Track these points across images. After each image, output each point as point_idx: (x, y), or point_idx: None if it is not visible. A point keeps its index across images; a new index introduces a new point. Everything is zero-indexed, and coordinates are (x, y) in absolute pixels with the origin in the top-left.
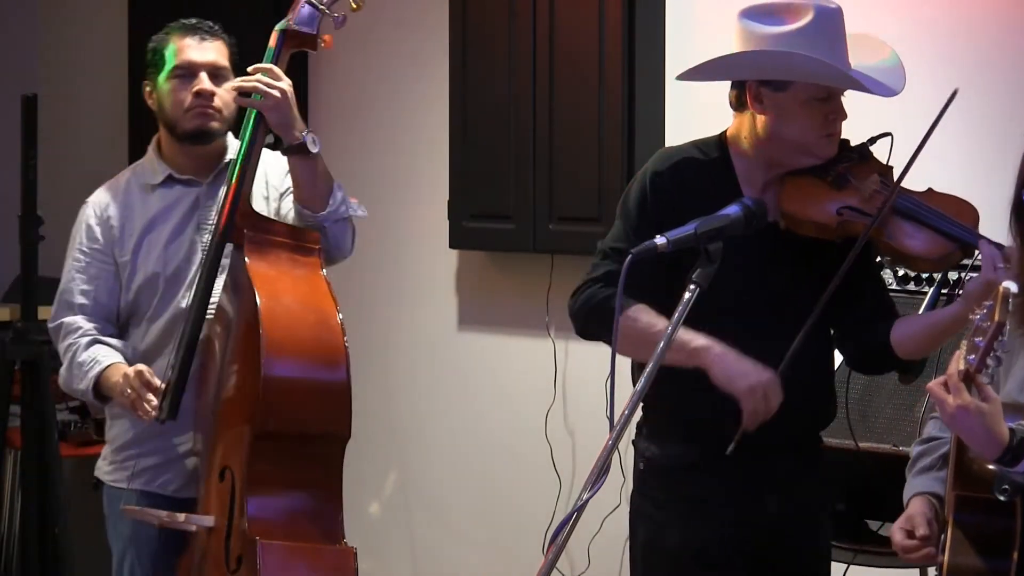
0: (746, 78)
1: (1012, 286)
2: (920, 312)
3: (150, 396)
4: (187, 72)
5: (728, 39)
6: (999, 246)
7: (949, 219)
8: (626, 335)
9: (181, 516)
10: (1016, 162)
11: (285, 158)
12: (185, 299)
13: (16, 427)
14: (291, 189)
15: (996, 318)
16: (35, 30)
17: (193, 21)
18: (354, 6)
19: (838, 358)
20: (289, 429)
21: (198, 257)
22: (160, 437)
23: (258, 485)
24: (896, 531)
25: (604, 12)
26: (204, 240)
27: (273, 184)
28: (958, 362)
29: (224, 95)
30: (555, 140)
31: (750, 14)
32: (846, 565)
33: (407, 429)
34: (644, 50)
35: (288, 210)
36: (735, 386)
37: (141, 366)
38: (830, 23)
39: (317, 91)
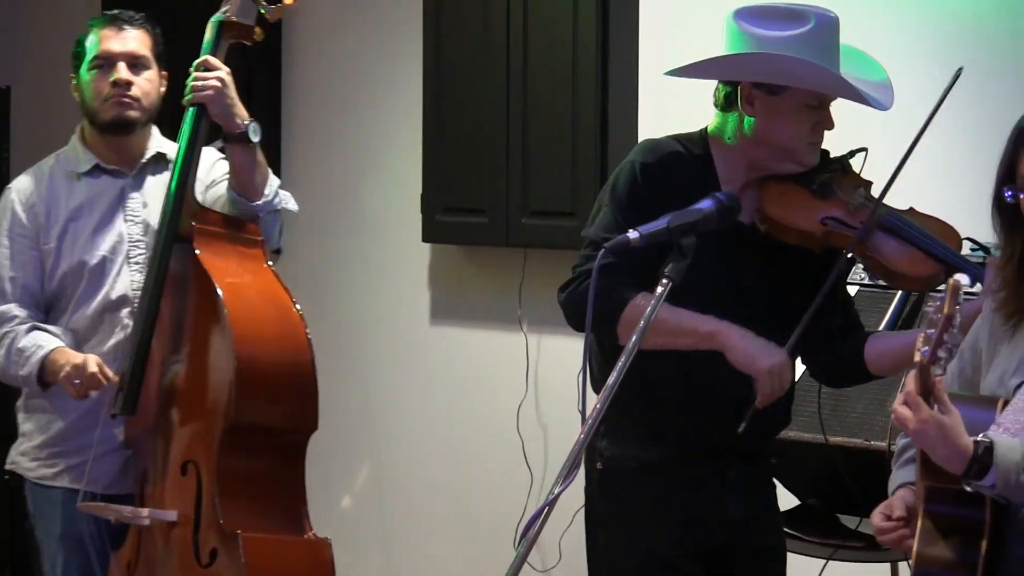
0: (745, 79)
1: (963, 279)
2: (888, 312)
3: (102, 380)
4: (106, 62)
5: (703, 41)
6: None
7: (936, 240)
8: (632, 322)
9: (144, 511)
10: (995, 160)
11: (210, 150)
12: (113, 289)
13: None
14: (216, 181)
15: (946, 310)
16: (10, 24)
17: (115, 12)
18: (288, 0)
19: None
20: (261, 421)
21: (124, 248)
22: (89, 433)
23: (230, 478)
24: (876, 514)
25: (578, 7)
26: (131, 232)
27: (199, 177)
28: (913, 380)
29: (144, 84)
30: (528, 134)
31: (746, 16)
32: (824, 561)
33: (380, 423)
34: (618, 45)
35: (214, 201)
36: (755, 366)
37: (94, 357)
38: (828, 32)
39: (290, 85)
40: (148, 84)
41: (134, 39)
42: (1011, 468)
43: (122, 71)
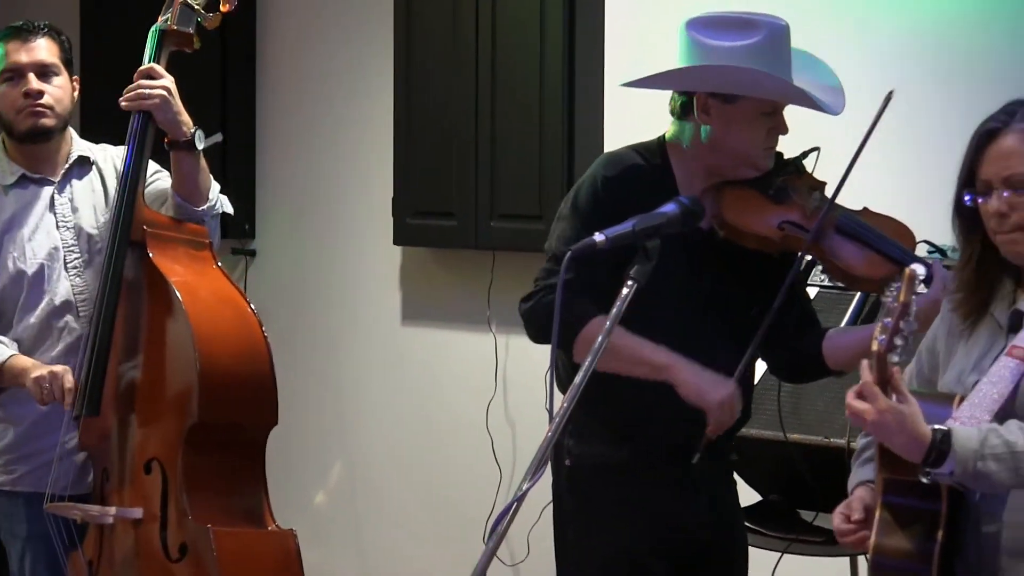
0: (701, 89)
1: (919, 269)
2: (848, 312)
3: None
4: (15, 74)
5: (668, 49)
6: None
7: (890, 240)
8: (588, 340)
9: (112, 510)
10: (956, 164)
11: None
12: (56, 295)
13: None
14: (150, 181)
15: (902, 298)
16: None
17: (19, 23)
18: (224, 7)
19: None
20: (224, 418)
21: (61, 254)
22: (43, 438)
23: (196, 474)
24: (836, 515)
25: (544, 18)
26: (65, 238)
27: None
28: (868, 371)
29: (55, 92)
30: (497, 139)
31: (698, 26)
32: (779, 553)
33: (352, 421)
34: (584, 55)
35: (151, 201)
36: (705, 400)
37: (60, 367)
38: (779, 40)
39: (264, 91)
40: (59, 91)
41: (41, 48)
42: (969, 455)
43: (32, 81)
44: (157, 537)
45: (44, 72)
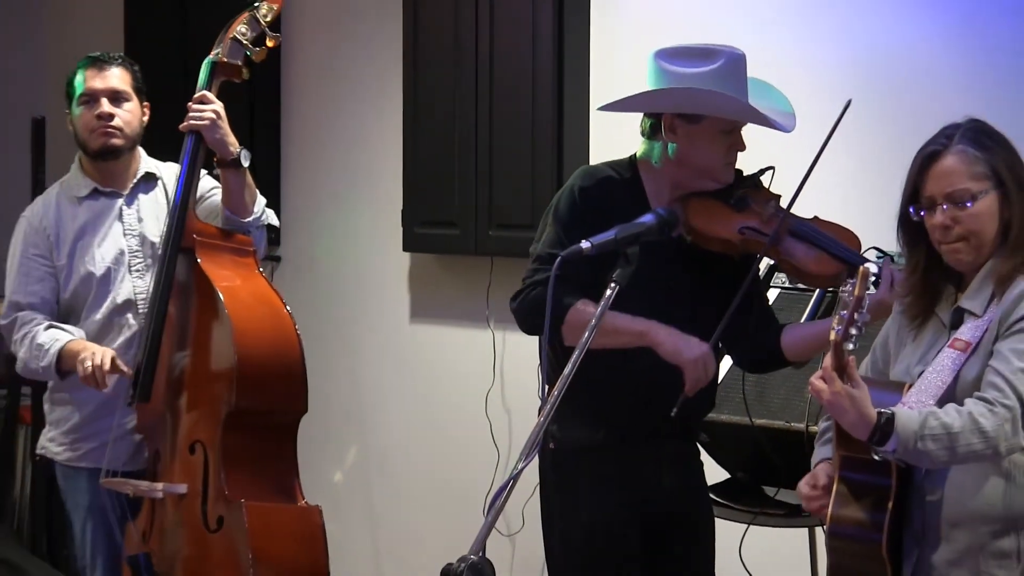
0: (668, 111)
1: (872, 267)
2: (806, 311)
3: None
4: (90, 98)
5: (642, 80)
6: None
7: (838, 242)
8: (578, 325)
9: (159, 485)
10: (900, 180)
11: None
12: (119, 295)
13: (27, 405)
14: (204, 196)
15: (857, 293)
16: (43, 60)
17: (97, 54)
18: (270, 43)
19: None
20: (258, 406)
21: (126, 258)
22: (106, 419)
23: (233, 455)
24: (802, 485)
25: (536, 56)
26: (130, 244)
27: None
28: (830, 358)
29: (124, 115)
30: (494, 158)
31: (665, 56)
32: (745, 526)
33: (366, 408)
34: (571, 86)
35: (207, 215)
36: (683, 357)
37: (110, 352)
38: (736, 67)
39: (289, 119)
40: (129, 115)
41: (114, 76)
42: (909, 436)
43: (104, 105)
44: (199, 510)
45: (116, 97)
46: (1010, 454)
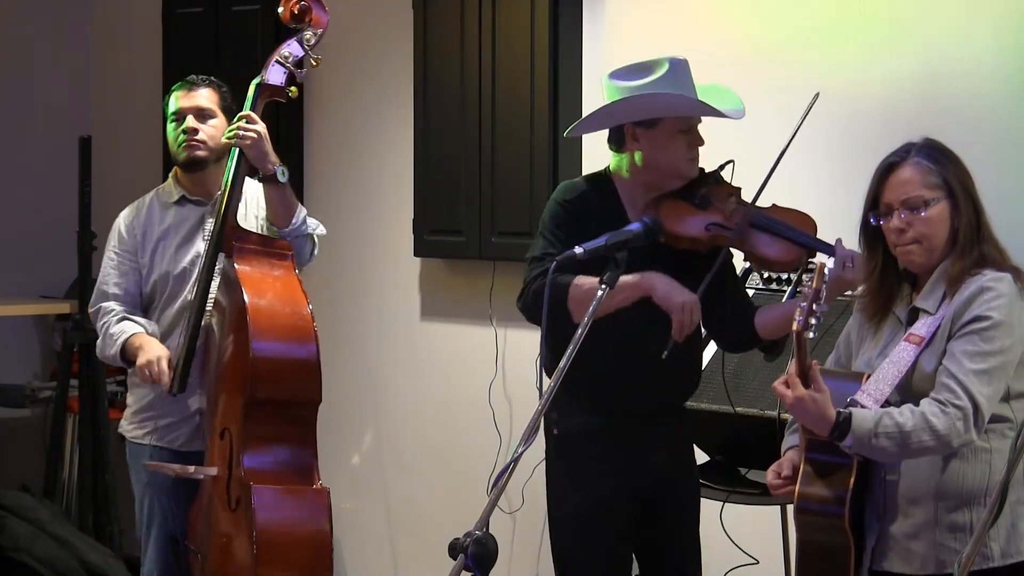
0: (623, 122)
1: (829, 262)
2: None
3: (165, 374)
4: (179, 116)
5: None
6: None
7: (796, 229)
8: (578, 299)
9: (191, 468)
10: (864, 185)
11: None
12: (191, 293)
13: (75, 396)
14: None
15: (815, 285)
16: (88, 82)
17: (190, 77)
18: (314, 64)
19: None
20: (273, 396)
21: (201, 261)
22: (173, 402)
23: (250, 441)
24: (769, 472)
25: (534, 69)
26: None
27: (263, 206)
28: (794, 364)
29: (208, 130)
30: (496, 173)
31: (617, 75)
32: (722, 503)
33: (381, 398)
34: (566, 102)
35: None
36: (672, 300)
37: (165, 353)
38: (681, 71)
39: (310, 135)
40: (213, 130)
41: (201, 96)
42: (864, 434)
43: (190, 121)
44: (225, 490)
45: (201, 114)
46: (962, 448)
